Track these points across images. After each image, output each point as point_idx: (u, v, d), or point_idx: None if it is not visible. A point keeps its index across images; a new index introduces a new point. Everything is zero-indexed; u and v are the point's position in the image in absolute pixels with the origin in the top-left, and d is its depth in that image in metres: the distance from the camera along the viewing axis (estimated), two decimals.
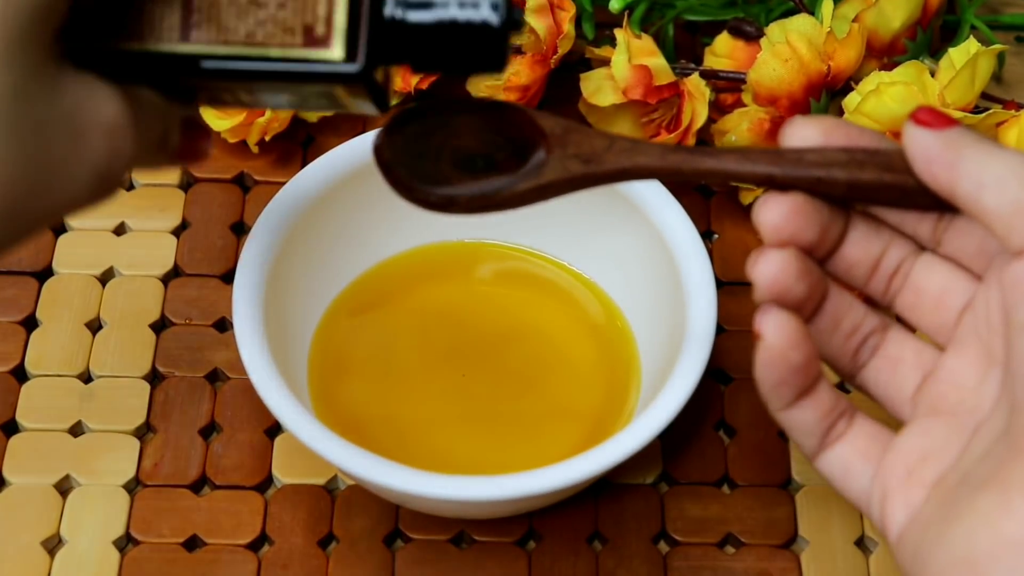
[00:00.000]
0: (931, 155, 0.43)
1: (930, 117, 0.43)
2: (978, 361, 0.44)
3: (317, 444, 0.50)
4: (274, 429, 0.58)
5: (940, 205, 0.44)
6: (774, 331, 0.43)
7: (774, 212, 0.44)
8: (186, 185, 0.65)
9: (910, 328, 0.47)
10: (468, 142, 0.48)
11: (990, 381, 0.44)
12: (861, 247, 0.46)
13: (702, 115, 0.60)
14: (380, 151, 0.47)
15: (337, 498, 0.56)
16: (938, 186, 0.43)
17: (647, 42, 0.61)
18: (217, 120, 0.64)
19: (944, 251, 0.46)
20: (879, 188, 0.44)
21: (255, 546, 0.55)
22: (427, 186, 0.46)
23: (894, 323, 0.47)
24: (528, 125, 0.47)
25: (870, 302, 0.47)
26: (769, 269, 0.44)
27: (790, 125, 0.45)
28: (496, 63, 0.43)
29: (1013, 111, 0.58)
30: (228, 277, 0.62)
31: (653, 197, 0.56)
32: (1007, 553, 0.39)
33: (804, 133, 0.45)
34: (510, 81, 0.63)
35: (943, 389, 0.45)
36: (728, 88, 0.63)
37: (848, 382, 0.47)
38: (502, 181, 0.46)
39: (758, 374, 0.44)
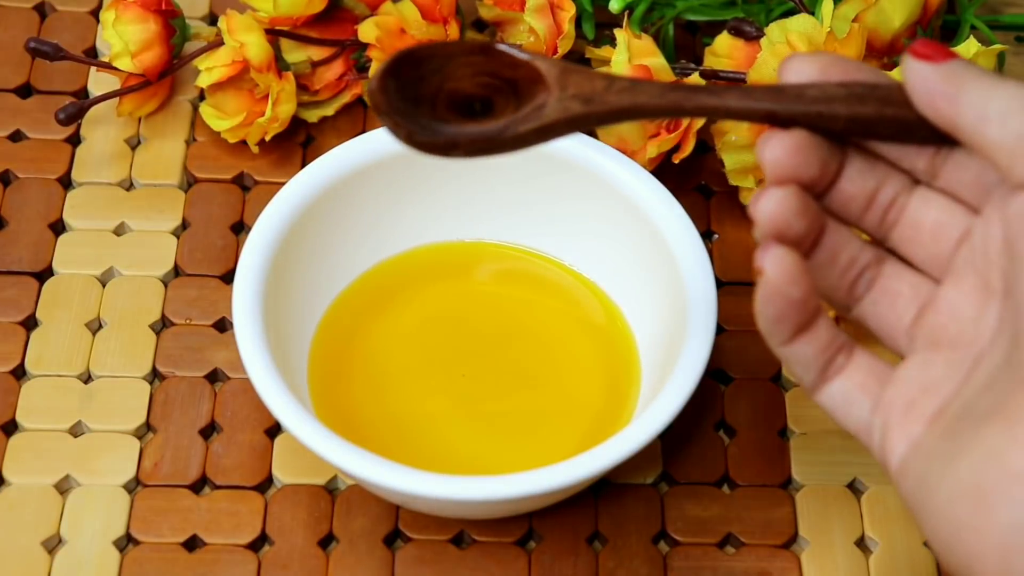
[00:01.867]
0: (932, 88, 0.43)
1: (929, 50, 0.43)
2: (976, 293, 0.44)
3: (317, 444, 0.50)
4: (274, 429, 0.58)
5: (939, 138, 0.44)
6: (774, 267, 0.44)
7: (777, 149, 0.44)
8: (186, 185, 0.65)
9: (905, 261, 0.47)
10: (465, 85, 0.47)
11: (989, 313, 0.44)
12: (857, 182, 0.46)
13: None
14: (376, 96, 0.46)
15: (337, 498, 0.56)
16: (939, 119, 0.43)
17: (647, 42, 0.61)
18: (217, 120, 0.64)
19: (940, 184, 0.46)
20: (879, 122, 0.45)
21: (255, 546, 0.55)
22: (427, 129, 0.46)
23: (889, 256, 0.47)
24: (524, 66, 0.47)
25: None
26: (770, 206, 0.44)
27: (788, 60, 0.45)
28: None
29: None
30: (228, 277, 0.62)
31: (653, 197, 0.57)
32: (1015, 485, 0.40)
33: (802, 68, 0.45)
34: None
35: (941, 321, 0.45)
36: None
37: (845, 315, 0.47)
38: (503, 123, 0.46)
39: (758, 309, 0.45)
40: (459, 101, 0.47)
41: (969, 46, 0.57)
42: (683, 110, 0.46)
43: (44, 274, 0.62)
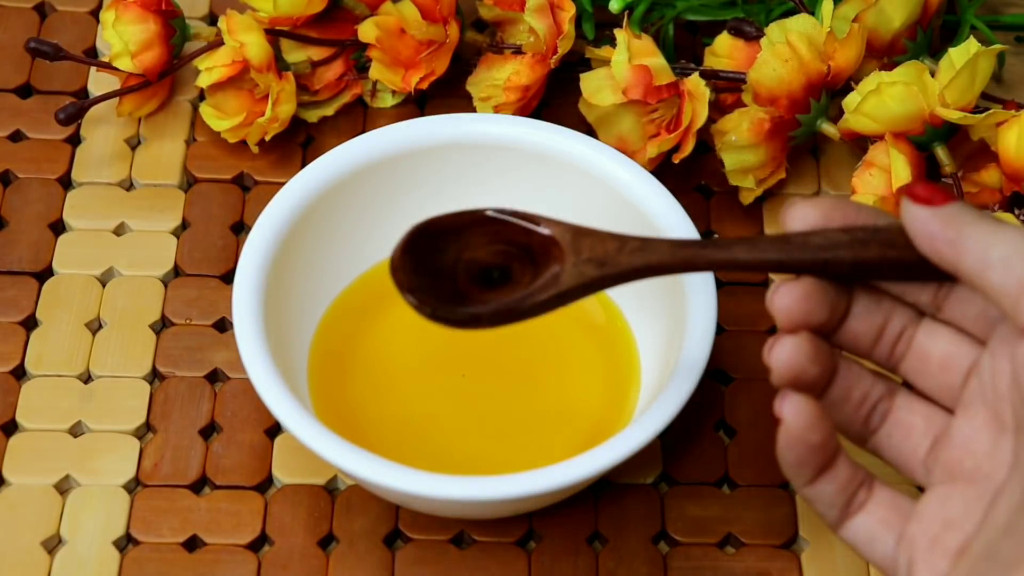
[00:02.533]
0: (932, 232, 0.44)
1: (927, 193, 0.44)
2: (988, 427, 0.45)
3: (317, 444, 0.50)
4: (274, 429, 0.58)
5: (942, 276, 0.45)
6: (793, 415, 0.45)
7: (787, 298, 0.46)
8: (186, 185, 0.65)
9: (916, 392, 0.48)
10: (481, 255, 0.49)
11: (1003, 447, 0.45)
12: (865, 319, 0.47)
13: (702, 115, 0.60)
14: (397, 274, 0.48)
15: (337, 498, 0.56)
16: (942, 262, 0.44)
17: (647, 42, 0.61)
18: (217, 120, 0.64)
19: (944, 317, 0.47)
20: (883, 265, 0.46)
21: (255, 546, 0.55)
22: (449, 306, 0.48)
23: (901, 388, 0.48)
24: (537, 232, 0.49)
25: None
26: (785, 354, 0.45)
27: (790, 209, 0.47)
28: None
29: (1013, 111, 0.58)
30: (228, 277, 0.62)
31: (653, 197, 0.57)
32: None
33: (806, 215, 0.46)
34: (510, 81, 0.63)
35: (956, 455, 0.46)
36: (728, 88, 0.63)
37: (860, 447, 0.48)
38: (521, 294, 0.48)
39: (780, 455, 0.46)
40: (478, 271, 0.49)
41: (969, 46, 0.57)
42: (694, 266, 0.47)
43: (44, 274, 0.62)
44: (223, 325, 0.60)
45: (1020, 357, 0.43)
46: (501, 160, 0.59)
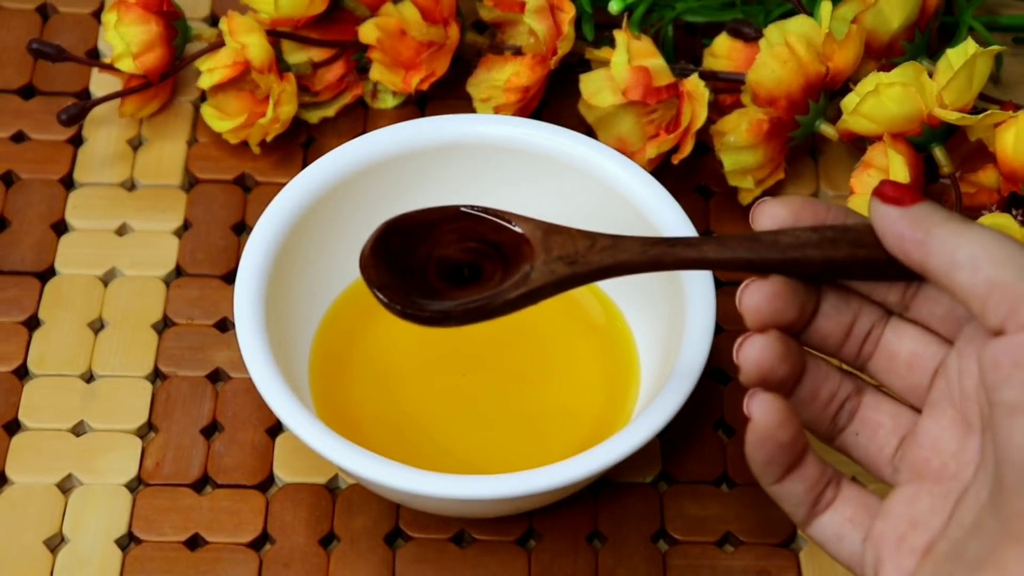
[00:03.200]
0: (900, 232, 0.44)
1: (896, 193, 0.45)
2: (955, 427, 0.45)
3: (318, 443, 0.50)
4: (275, 428, 0.58)
5: (910, 276, 0.46)
6: (762, 413, 0.45)
7: (756, 296, 0.46)
8: (188, 186, 0.65)
9: (883, 391, 0.48)
10: (452, 251, 0.50)
11: (969, 447, 0.45)
12: (834, 318, 0.47)
13: (701, 116, 0.61)
14: (368, 271, 0.48)
15: (338, 497, 0.56)
16: (909, 262, 0.44)
17: (646, 43, 0.61)
18: (218, 121, 0.64)
19: (912, 316, 0.47)
20: (852, 264, 0.46)
21: (256, 545, 0.55)
22: (418, 303, 0.48)
23: (868, 387, 0.48)
24: (508, 230, 0.49)
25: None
26: (753, 353, 0.46)
27: (759, 207, 0.47)
28: None
29: (1011, 112, 0.58)
30: (230, 277, 0.62)
31: (652, 198, 0.57)
32: None
33: (775, 213, 0.47)
34: (510, 82, 0.63)
35: (923, 455, 0.46)
36: (727, 89, 0.63)
37: (828, 445, 0.49)
38: (492, 291, 0.48)
39: (749, 453, 0.46)
40: (448, 268, 0.49)
41: (967, 47, 0.58)
42: (663, 264, 0.47)
43: (46, 274, 0.62)
44: (225, 325, 0.61)
45: (987, 357, 0.43)
46: (501, 161, 0.59)
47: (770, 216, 0.47)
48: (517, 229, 0.49)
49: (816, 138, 0.64)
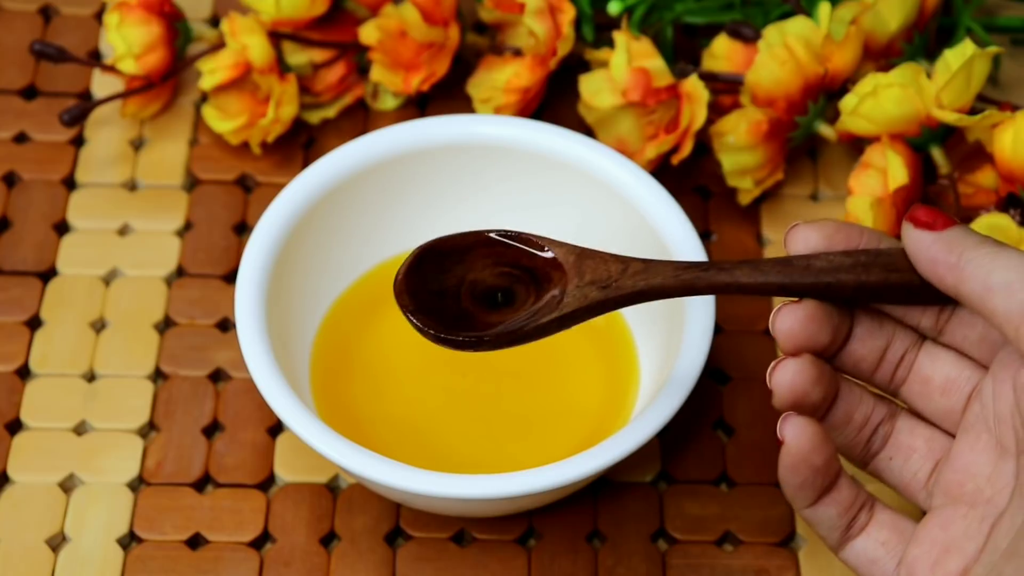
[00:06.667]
0: (934, 256, 0.44)
1: (929, 217, 0.44)
2: (989, 451, 0.45)
3: (319, 443, 0.50)
4: (276, 428, 0.58)
5: (944, 300, 0.45)
6: (796, 437, 0.45)
7: (789, 320, 0.46)
8: (189, 186, 0.65)
9: (917, 415, 0.48)
10: (486, 276, 0.49)
11: (1004, 471, 0.45)
12: (867, 342, 0.47)
13: (700, 117, 0.61)
14: (402, 296, 0.48)
15: (339, 496, 0.57)
16: (943, 286, 0.44)
17: (646, 44, 0.62)
18: (219, 122, 0.64)
19: (946, 340, 0.47)
20: (886, 288, 0.46)
21: (257, 544, 0.56)
22: (453, 329, 0.48)
23: (901, 411, 0.48)
24: (541, 254, 0.49)
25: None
26: (787, 377, 0.45)
27: (793, 232, 0.47)
28: None
29: (1008, 112, 0.58)
30: (231, 277, 0.62)
31: (652, 198, 0.57)
32: None
33: (808, 237, 0.46)
34: (510, 83, 0.63)
35: (958, 478, 0.46)
36: (726, 90, 0.63)
37: (861, 470, 0.49)
38: (524, 316, 0.48)
39: (782, 478, 0.46)
40: (482, 292, 0.49)
41: (965, 48, 0.58)
42: (696, 289, 0.47)
43: (48, 274, 0.62)
44: (226, 325, 0.61)
45: (1022, 382, 0.43)
46: (501, 161, 0.59)
47: (803, 240, 0.46)
48: (549, 254, 0.49)
49: (815, 139, 0.64)
